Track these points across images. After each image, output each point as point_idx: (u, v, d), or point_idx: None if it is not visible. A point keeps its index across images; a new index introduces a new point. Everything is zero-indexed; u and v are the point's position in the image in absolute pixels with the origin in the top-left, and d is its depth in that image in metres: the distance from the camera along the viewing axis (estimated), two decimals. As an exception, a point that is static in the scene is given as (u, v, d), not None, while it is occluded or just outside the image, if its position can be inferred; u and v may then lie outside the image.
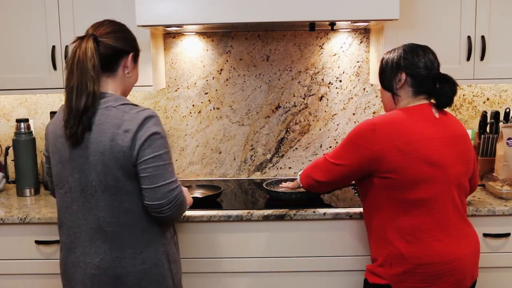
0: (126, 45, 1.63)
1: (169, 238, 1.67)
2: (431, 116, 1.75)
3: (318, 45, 2.62)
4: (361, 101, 2.65)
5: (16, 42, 2.31)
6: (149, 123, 1.53)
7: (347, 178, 1.82)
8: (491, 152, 2.44)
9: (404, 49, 1.81)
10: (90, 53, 1.52)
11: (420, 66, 1.76)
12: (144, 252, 1.59)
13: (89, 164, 1.53)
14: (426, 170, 1.67)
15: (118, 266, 1.57)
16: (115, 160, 1.51)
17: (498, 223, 2.10)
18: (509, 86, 2.63)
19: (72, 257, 1.62)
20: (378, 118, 1.74)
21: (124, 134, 1.50)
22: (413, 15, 2.26)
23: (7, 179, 2.60)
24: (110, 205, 1.55)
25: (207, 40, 2.62)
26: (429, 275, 1.69)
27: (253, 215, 2.09)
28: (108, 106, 1.55)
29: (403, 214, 1.70)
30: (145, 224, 1.59)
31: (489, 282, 2.13)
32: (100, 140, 1.51)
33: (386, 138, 1.68)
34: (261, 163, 2.71)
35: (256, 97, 2.66)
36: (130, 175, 1.54)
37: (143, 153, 1.52)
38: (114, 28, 1.62)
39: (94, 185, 1.54)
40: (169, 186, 1.55)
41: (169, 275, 1.65)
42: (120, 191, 1.54)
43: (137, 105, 1.59)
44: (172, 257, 1.67)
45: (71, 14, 2.28)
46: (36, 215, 2.11)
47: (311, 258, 2.12)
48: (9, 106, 2.68)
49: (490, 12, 2.27)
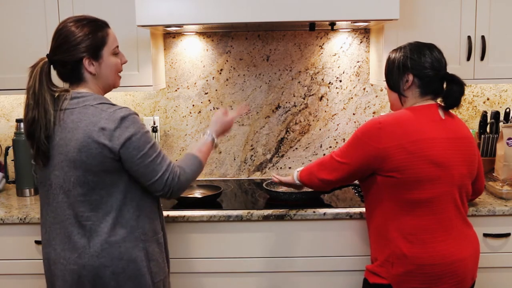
0: (73, 55, 1.59)
1: (150, 236, 1.67)
2: (437, 117, 1.75)
3: (318, 45, 2.62)
4: (361, 101, 2.65)
5: (16, 42, 2.31)
6: (126, 123, 1.55)
7: (352, 176, 1.82)
8: (491, 152, 2.44)
9: (410, 48, 1.78)
10: (31, 81, 1.57)
11: (427, 67, 1.74)
12: (122, 247, 1.60)
13: (68, 161, 1.56)
14: (430, 170, 1.67)
15: (96, 261, 1.58)
16: (93, 156, 1.53)
17: (498, 223, 2.10)
18: (509, 86, 2.63)
19: (53, 254, 1.64)
20: (384, 117, 1.74)
21: (101, 131, 1.53)
22: (413, 15, 2.26)
23: (7, 179, 2.60)
24: (89, 199, 1.57)
25: (207, 40, 2.62)
26: (430, 276, 1.69)
27: (253, 215, 2.08)
28: (86, 105, 1.57)
29: (405, 214, 1.70)
30: (124, 220, 1.61)
31: (489, 282, 2.13)
32: (78, 137, 1.54)
33: (391, 137, 1.68)
34: (261, 163, 2.71)
35: (256, 97, 2.66)
36: (109, 171, 1.56)
37: (128, 154, 1.55)
38: (58, 41, 1.60)
39: (72, 181, 1.57)
40: (163, 177, 1.60)
41: (147, 273, 1.65)
42: (98, 185, 1.57)
43: (115, 105, 1.61)
44: (152, 255, 1.66)
45: (71, 14, 2.28)
46: (36, 215, 2.11)
47: (311, 258, 2.12)
48: (9, 106, 2.69)
49: (490, 12, 2.27)
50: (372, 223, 1.82)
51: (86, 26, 1.61)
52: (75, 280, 1.61)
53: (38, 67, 1.59)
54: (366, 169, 1.75)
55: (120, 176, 1.59)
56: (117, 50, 1.69)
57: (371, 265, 1.82)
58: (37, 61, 1.61)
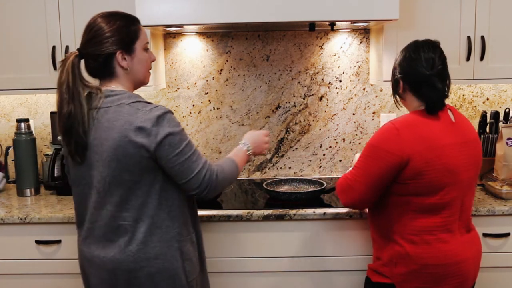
0: (106, 48, 1.57)
1: (185, 235, 1.66)
2: (448, 120, 1.71)
3: (318, 45, 2.62)
4: (361, 101, 2.65)
5: (16, 42, 2.31)
6: (163, 122, 1.53)
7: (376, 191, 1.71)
8: (491, 152, 2.45)
9: (404, 54, 1.75)
10: (64, 76, 1.53)
11: (417, 71, 1.69)
12: (157, 247, 1.59)
13: (103, 161, 1.54)
14: (443, 178, 1.64)
15: (131, 262, 1.58)
16: (129, 156, 1.52)
17: (498, 223, 2.10)
18: (508, 86, 2.64)
19: (88, 253, 1.64)
20: (398, 123, 1.68)
21: (138, 131, 1.51)
22: (413, 15, 2.26)
23: (7, 179, 2.60)
24: (125, 200, 1.56)
25: (207, 40, 2.62)
26: (434, 276, 1.68)
27: (253, 215, 2.09)
28: (121, 104, 1.55)
29: (412, 216, 1.68)
30: (160, 220, 1.60)
31: (489, 282, 2.13)
32: (114, 137, 1.52)
33: (411, 143, 1.63)
34: (261, 163, 2.71)
35: (256, 97, 2.66)
36: (145, 170, 1.55)
37: (164, 153, 1.53)
38: (90, 34, 1.57)
39: (107, 181, 1.55)
40: (199, 175, 1.58)
41: (182, 273, 1.64)
42: (135, 185, 1.55)
43: (150, 103, 1.58)
44: (186, 255, 1.66)
45: (71, 14, 2.28)
46: (36, 215, 2.11)
47: (311, 258, 2.12)
48: (10, 106, 2.69)
49: (490, 12, 2.27)
50: (376, 222, 1.81)
51: (119, 20, 1.59)
52: (111, 280, 1.60)
53: (69, 61, 1.54)
54: (387, 181, 1.68)
55: (155, 176, 1.57)
56: (147, 46, 1.67)
57: (373, 264, 1.81)
58: (67, 55, 1.57)
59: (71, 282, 2.13)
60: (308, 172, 2.71)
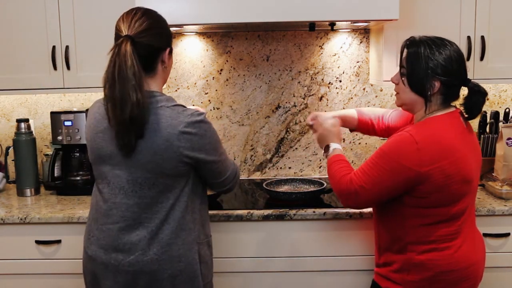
0: (163, 42, 1.56)
1: (203, 238, 1.66)
2: (462, 127, 1.67)
3: (318, 45, 2.62)
4: (361, 101, 2.65)
5: (16, 42, 2.31)
6: (204, 126, 1.55)
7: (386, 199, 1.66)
8: (491, 152, 2.45)
9: (436, 48, 1.62)
10: (130, 61, 1.44)
11: (456, 74, 1.62)
12: (181, 250, 1.58)
13: (138, 161, 1.52)
14: (461, 189, 1.61)
15: (155, 264, 1.56)
16: (169, 159, 1.50)
17: (498, 223, 2.10)
18: (508, 86, 2.64)
19: (101, 253, 1.59)
20: (418, 135, 1.58)
21: (181, 135, 1.50)
22: (413, 15, 2.26)
23: (7, 179, 2.60)
24: (155, 202, 1.55)
25: (207, 40, 2.62)
26: (447, 282, 1.66)
27: (253, 215, 2.09)
28: (162, 106, 1.52)
29: (428, 226, 1.65)
30: (185, 222, 1.59)
31: (489, 282, 2.13)
32: (154, 139, 1.49)
33: (432, 157, 1.56)
34: (261, 163, 2.71)
35: (256, 97, 2.66)
36: (180, 174, 1.55)
37: (203, 157, 1.56)
38: (149, 24, 1.52)
39: (140, 182, 1.53)
40: (230, 176, 1.69)
41: (199, 275, 1.63)
42: (168, 188, 1.55)
43: (185, 106, 1.57)
44: (203, 258, 1.65)
45: (71, 14, 2.28)
46: (36, 215, 2.11)
47: (311, 258, 2.12)
48: (10, 106, 2.69)
49: (490, 12, 2.27)
50: (385, 229, 1.75)
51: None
52: (128, 282, 1.57)
53: (129, 48, 1.45)
54: (397, 193, 1.63)
55: (187, 179, 1.58)
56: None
57: (382, 270, 1.77)
58: (119, 41, 1.47)
59: (71, 282, 2.13)
60: (308, 172, 2.71)
